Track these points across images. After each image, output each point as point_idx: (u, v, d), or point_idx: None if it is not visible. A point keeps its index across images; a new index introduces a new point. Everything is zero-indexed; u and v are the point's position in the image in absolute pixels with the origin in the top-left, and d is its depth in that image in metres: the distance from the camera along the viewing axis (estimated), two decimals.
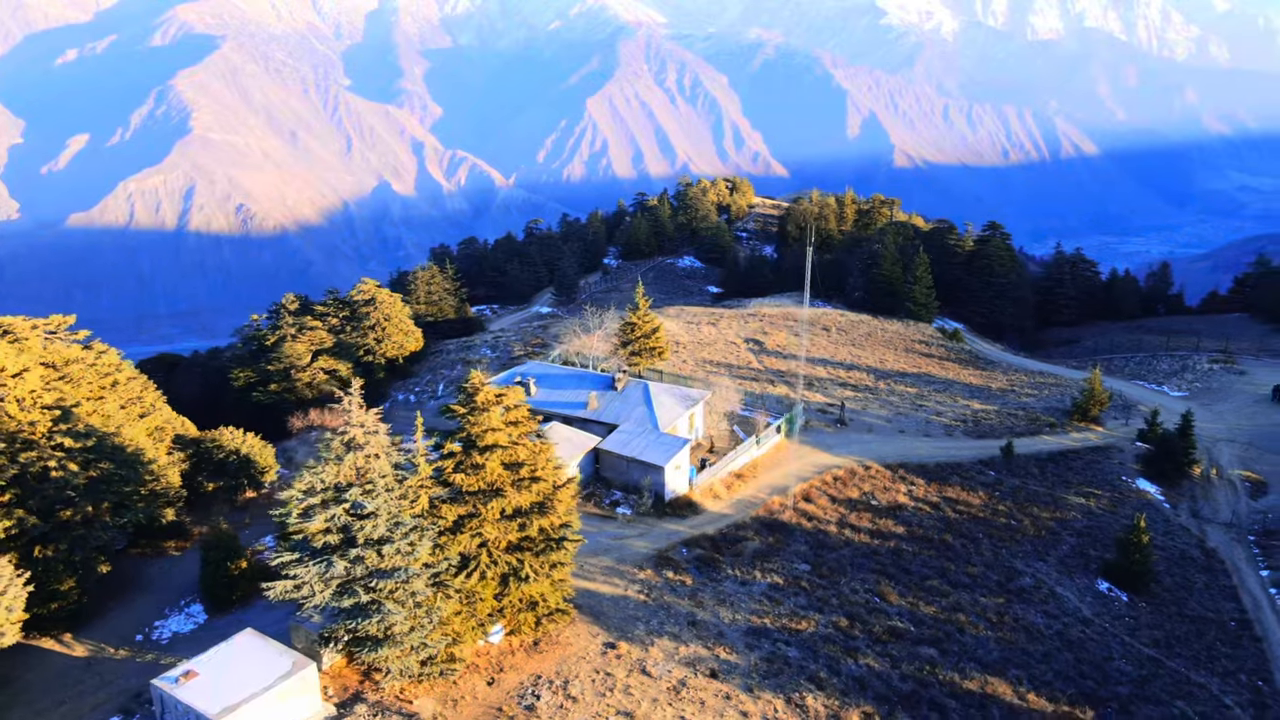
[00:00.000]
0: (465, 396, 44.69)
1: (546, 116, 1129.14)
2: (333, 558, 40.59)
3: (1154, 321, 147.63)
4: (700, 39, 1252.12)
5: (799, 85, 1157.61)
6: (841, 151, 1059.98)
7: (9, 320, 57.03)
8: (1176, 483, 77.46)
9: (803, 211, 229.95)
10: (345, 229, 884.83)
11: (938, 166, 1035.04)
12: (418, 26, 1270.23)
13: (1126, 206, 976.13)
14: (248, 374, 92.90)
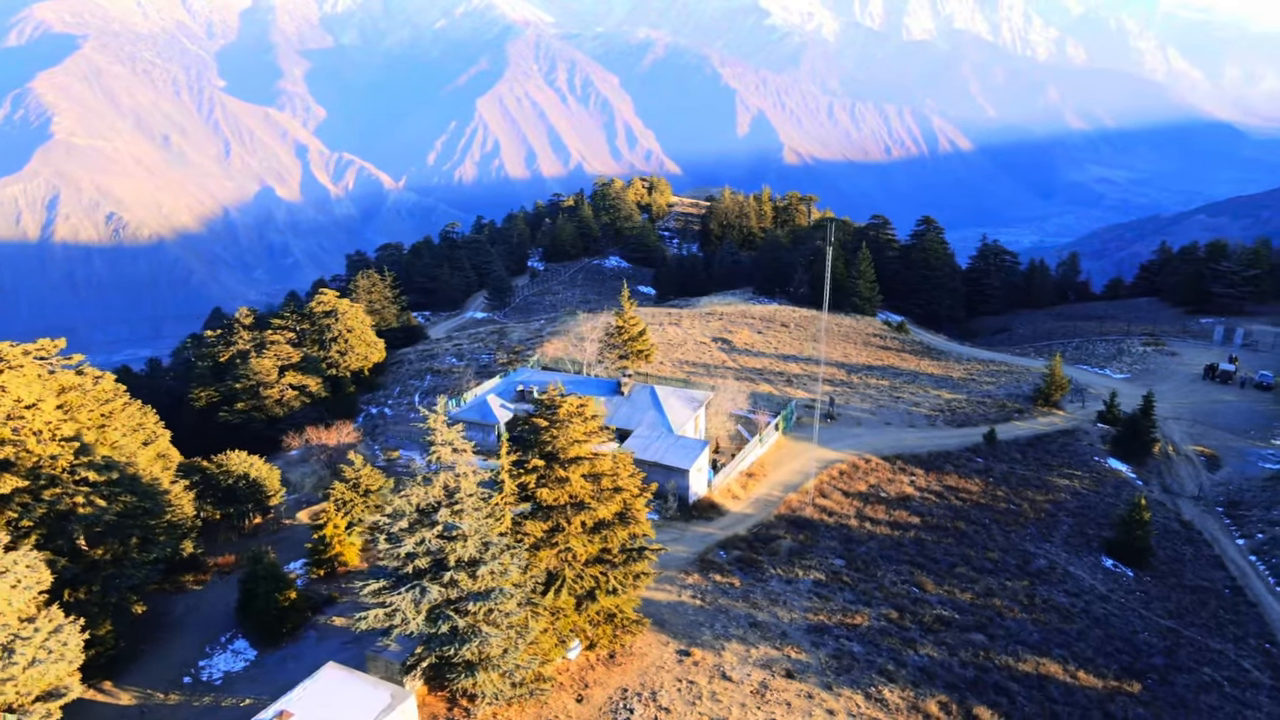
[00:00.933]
0: (546, 409, 43.55)
1: (436, 117, 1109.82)
2: (424, 583, 39.10)
3: (1071, 308, 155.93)
4: (589, 38, 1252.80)
5: (689, 84, 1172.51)
6: (732, 149, 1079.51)
7: (12, 350, 52.51)
8: (1143, 461, 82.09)
9: (726, 210, 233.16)
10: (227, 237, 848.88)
11: (825, 163, 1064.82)
12: (296, 25, 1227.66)
13: (1000, 199, 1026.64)
14: (210, 393, 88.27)
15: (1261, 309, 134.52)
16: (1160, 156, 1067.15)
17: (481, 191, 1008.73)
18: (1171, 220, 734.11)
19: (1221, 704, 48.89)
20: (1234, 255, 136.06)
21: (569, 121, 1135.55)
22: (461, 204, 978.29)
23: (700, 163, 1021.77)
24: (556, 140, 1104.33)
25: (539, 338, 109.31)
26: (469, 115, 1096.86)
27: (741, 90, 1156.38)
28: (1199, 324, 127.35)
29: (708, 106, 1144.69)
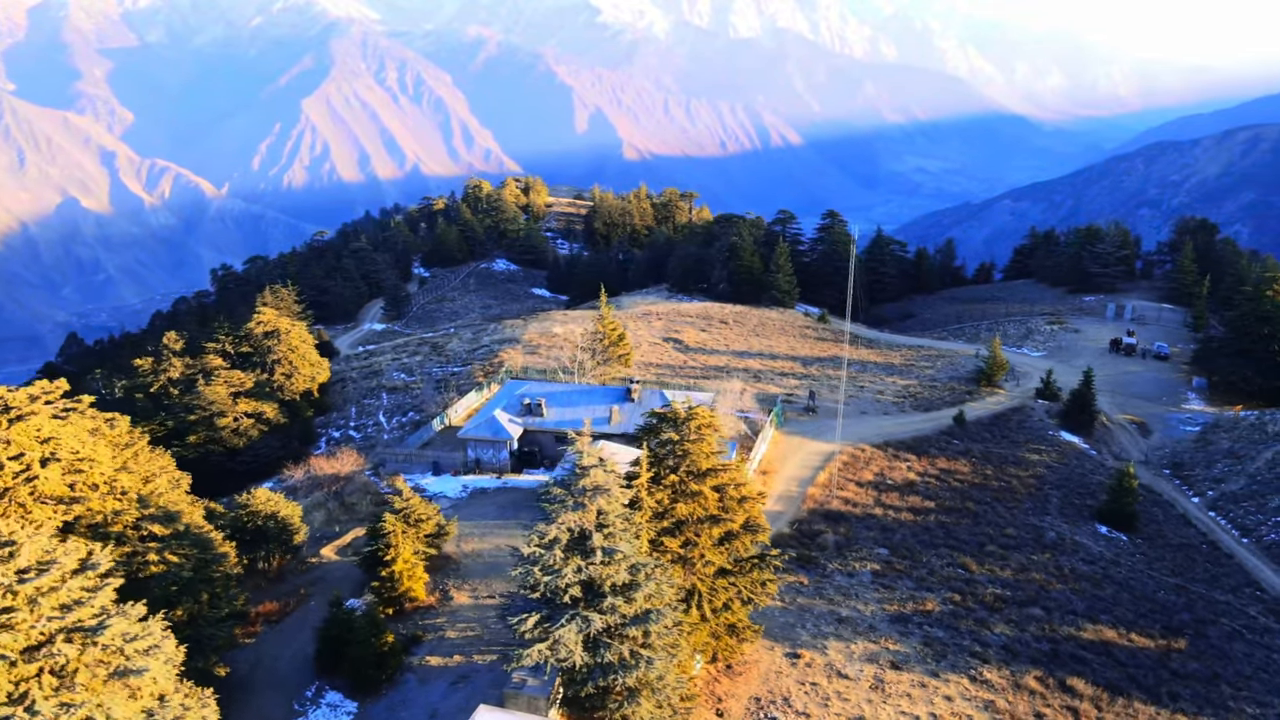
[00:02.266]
0: (678, 423, 42.72)
1: (258, 120, 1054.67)
2: (584, 611, 37.76)
3: (957, 291, 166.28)
4: (419, 36, 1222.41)
5: (524, 82, 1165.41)
6: (573, 146, 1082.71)
7: (13, 395, 46.43)
8: (1089, 432, 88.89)
9: (610, 208, 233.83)
10: (26, 253, 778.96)
11: (664, 158, 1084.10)
12: (94, 22, 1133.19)
13: (830, 189, 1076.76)
14: (154, 427, 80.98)
15: (1130, 286, 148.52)
16: (968, 147, 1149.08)
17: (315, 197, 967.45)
18: (981, 206, 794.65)
19: (1251, 650, 53.88)
20: (1107, 238, 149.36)
21: (402, 122, 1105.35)
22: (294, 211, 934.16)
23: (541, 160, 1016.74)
24: (390, 141, 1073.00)
25: (487, 347, 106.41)
26: (294, 117, 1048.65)
27: (578, 88, 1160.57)
28: (1083, 301, 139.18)
29: (545, 104, 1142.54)
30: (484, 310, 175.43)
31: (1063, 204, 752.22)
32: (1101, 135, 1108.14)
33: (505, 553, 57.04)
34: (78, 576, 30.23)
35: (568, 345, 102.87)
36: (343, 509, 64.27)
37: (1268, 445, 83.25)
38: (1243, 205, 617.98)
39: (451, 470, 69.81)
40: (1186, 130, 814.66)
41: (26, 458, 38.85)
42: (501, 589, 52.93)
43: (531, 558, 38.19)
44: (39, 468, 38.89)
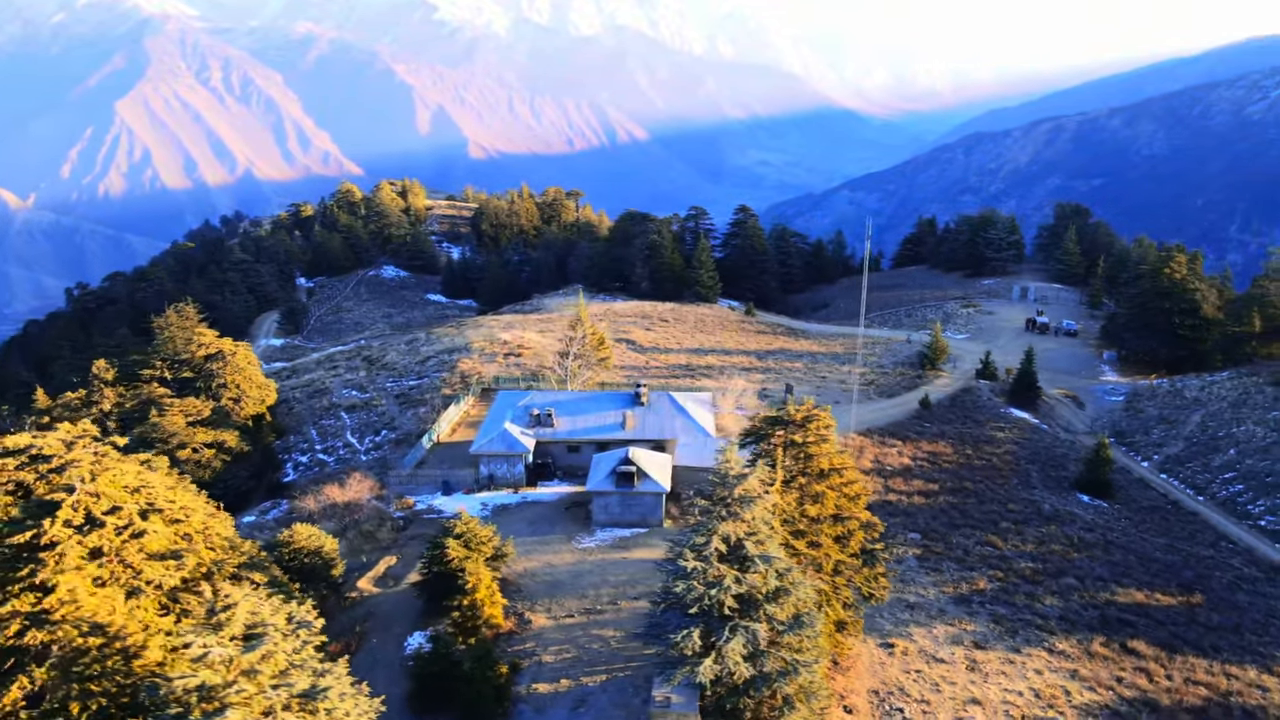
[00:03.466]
0: (795, 426, 42.75)
1: (66, 124, 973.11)
2: (742, 622, 37.54)
3: (857, 280, 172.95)
4: (243, 34, 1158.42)
5: (361, 81, 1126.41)
6: (416, 146, 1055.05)
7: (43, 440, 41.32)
8: (1035, 408, 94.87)
9: (497, 210, 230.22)
10: None
11: (511, 156, 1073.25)
12: None
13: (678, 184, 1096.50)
14: None
15: (1020, 268, 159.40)
16: (806, 140, 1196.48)
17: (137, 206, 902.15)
18: (823, 196, 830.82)
19: (1253, 599, 59.19)
20: (998, 225, 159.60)
21: (231, 124, 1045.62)
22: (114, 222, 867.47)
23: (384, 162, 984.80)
24: (219, 145, 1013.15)
25: (436, 359, 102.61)
26: (108, 120, 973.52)
27: (418, 86, 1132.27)
28: (982, 285, 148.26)
29: (384, 104, 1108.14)
30: (386, 319, 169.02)
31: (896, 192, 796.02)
32: (923, 128, 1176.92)
33: (560, 570, 55.55)
34: (288, 639, 27.65)
35: (525, 352, 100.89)
36: (362, 537, 60.73)
37: (1192, 410, 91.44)
38: (1050, 190, 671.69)
39: (463, 488, 67.18)
40: (998, 122, 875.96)
41: (125, 511, 34.92)
42: (575, 607, 51.59)
43: (692, 571, 37.54)
44: (141, 521, 35.02)
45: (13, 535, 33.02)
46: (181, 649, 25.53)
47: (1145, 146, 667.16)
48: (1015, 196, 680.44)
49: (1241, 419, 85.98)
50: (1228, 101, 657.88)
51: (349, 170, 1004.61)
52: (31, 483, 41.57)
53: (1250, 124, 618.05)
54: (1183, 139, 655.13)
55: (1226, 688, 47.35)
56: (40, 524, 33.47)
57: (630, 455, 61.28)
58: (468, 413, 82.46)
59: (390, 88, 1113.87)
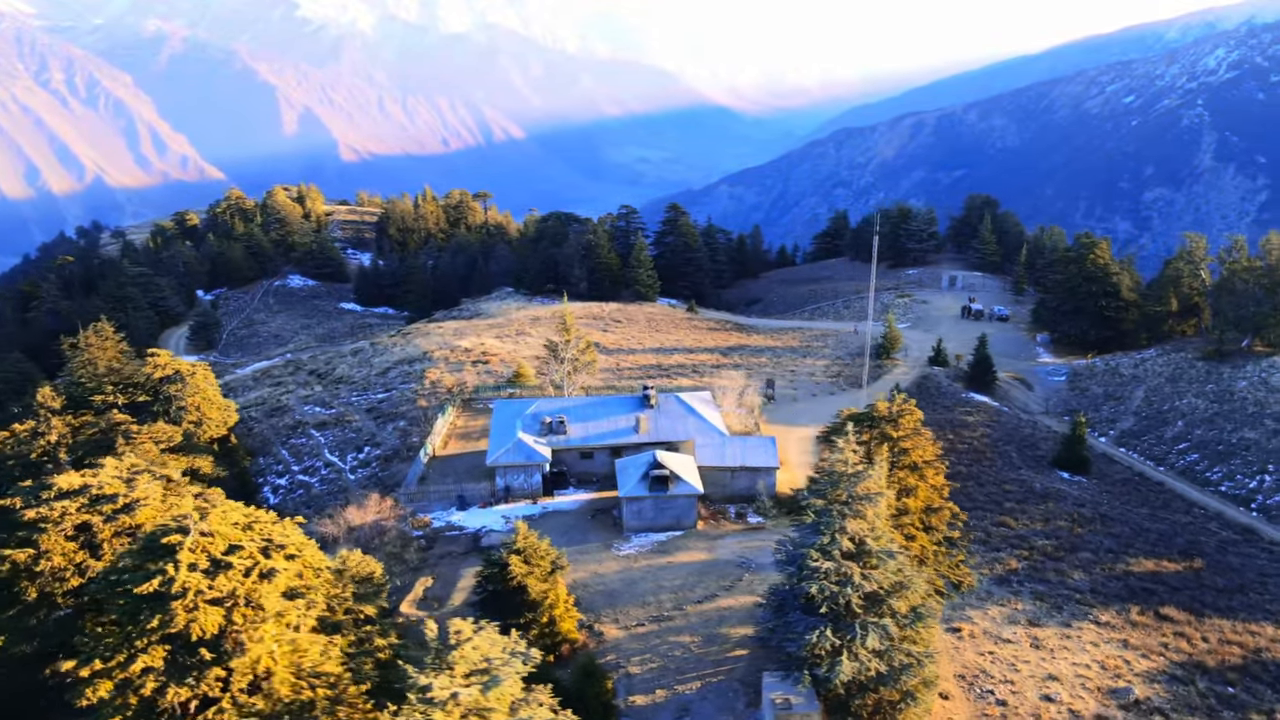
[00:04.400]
0: (887, 421, 43.44)
1: None
2: (875, 620, 38.17)
3: (781, 274, 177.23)
4: (86, 32, 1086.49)
5: (219, 81, 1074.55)
6: (282, 148, 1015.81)
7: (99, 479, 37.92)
8: (992, 392, 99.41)
9: (403, 214, 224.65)
10: None
11: (385, 157, 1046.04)
12: None
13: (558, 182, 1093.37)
14: None
15: (939, 258, 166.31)
16: (682, 137, 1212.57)
17: None
18: (703, 191, 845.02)
19: (1243, 561, 63.84)
20: (918, 217, 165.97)
21: (76, 128, 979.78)
22: None
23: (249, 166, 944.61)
24: (63, 150, 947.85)
25: (399, 370, 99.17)
26: None
27: (282, 86, 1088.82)
28: (907, 275, 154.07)
29: (246, 105, 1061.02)
30: (306, 331, 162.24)
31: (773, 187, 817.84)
32: (794, 124, 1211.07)
33: (610, 578, 54.73)
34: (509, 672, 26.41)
35: (493, 359, 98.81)
36: (390, 559, 58.17)
37: (1134, 386, 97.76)
38: (915, 181, 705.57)
39: (479, 502, 65.34)
40: (865, 118, 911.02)
41: (247, 550, 32.57)
42: (640, 615, 50.99)
43: (824, 572, 37.77)
44: (265, 559, 32.72)
45: (138, 585, 30.29)
46: (419, 691, 23.96)
47: (999, 139, 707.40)
48: (884, 188, 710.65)
49: (1181, 393, 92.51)
50: (1068, 97, 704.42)
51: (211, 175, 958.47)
52: (98, 525, 38.45)
53: (1089, 117, 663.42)
54: (1031, 132, 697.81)
55: (1255, 645, 50.98)
56: (164, 570, 30.82)
57: (660, 459, 60.99)
58: (454, 424, 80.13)
59: (252, 88, 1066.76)
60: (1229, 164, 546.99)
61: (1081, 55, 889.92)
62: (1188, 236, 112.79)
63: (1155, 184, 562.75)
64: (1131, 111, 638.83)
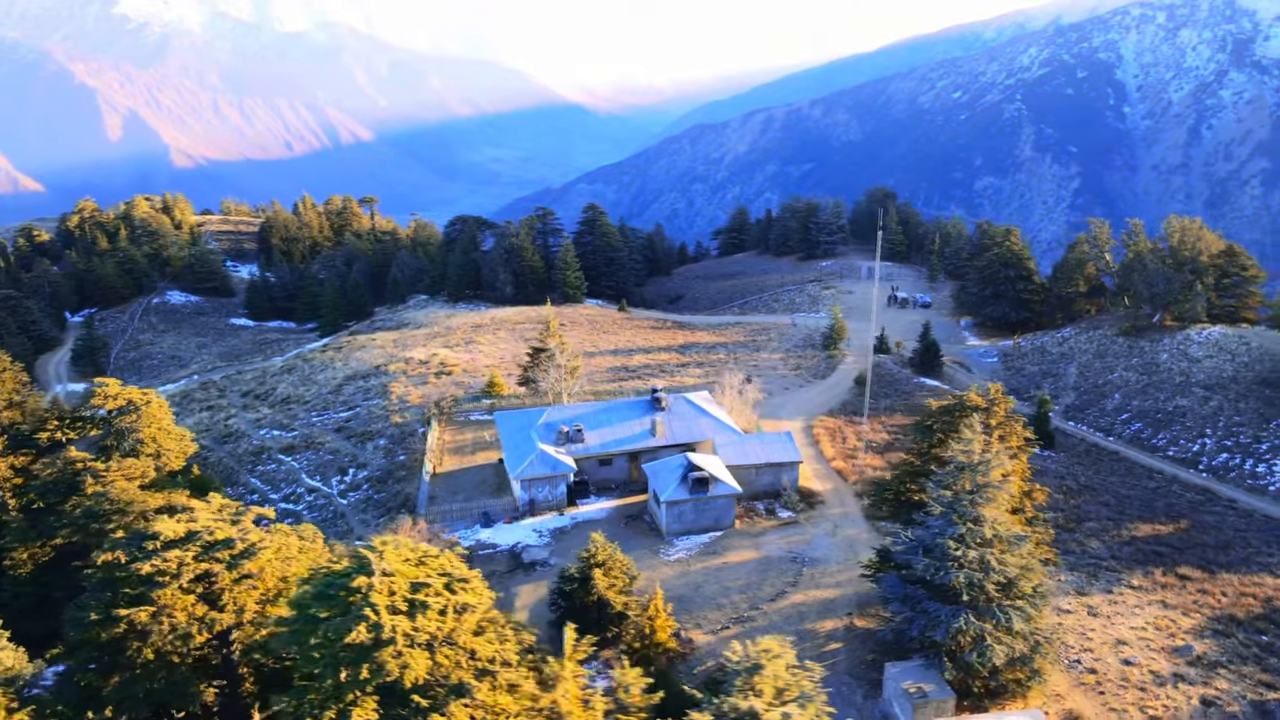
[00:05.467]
0: (984, 410, 44.82)
1: None
2: (1014, 604, 39.69)
3: (692, 269, 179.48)
4: None
5: (32, 85, 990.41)
6: (107, 156, 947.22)
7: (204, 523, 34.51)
8: (939, 375, 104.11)
9: (286, 223, 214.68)
10: None
11: (222, 163, 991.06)
12: None
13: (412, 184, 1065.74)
14: (34, 551, 62.16)
15: (847, 249, 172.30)
16: (537, 135, 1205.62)
17: None
18: (562, 190, 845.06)
19: (1216, 519, 69.36)
20: (826, 210, 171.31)
21: None
22: None
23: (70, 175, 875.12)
24: None
25: (357, 385, 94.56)
26: None
27: (103, 89, 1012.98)
28: (820, 267, 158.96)
29: (64, 109, 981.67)
30: (205, 350, 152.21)
31: (632, 183, 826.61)
32: (649, 121, 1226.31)
33: (673, 583, 54.21)
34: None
35: (454, 369, 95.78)
36: None
37: (1064, 363, 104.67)
38: (769, 175, 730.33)
39: (504, 518, 63.36)
40: (716, 114, 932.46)
41: (433, 587, 30.68)
42: (720, 618, 50.98)
43: (966, 560, 38.83)
44: (452, 595, 30.88)
45: (344, 634, 27.98)
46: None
47: (843, 133, 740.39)
48: (739, 183, 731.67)
49: (1111, 367, 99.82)
50: (903, 93, 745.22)
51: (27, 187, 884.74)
52: (219, 573, 35.25)
53: (923, 112, 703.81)
54: (872, 126, 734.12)
55: (1265, 595, 55.75)
56: (365, 615, 28.60)
57: (695, 460, 60.93)
58: (442, 439, 77.21)
59: (69, 91, 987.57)
60: (1046, 154, 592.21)
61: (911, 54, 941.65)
62: (1091, 223, 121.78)
63: (984, 173, 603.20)
64: (960, 106, 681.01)
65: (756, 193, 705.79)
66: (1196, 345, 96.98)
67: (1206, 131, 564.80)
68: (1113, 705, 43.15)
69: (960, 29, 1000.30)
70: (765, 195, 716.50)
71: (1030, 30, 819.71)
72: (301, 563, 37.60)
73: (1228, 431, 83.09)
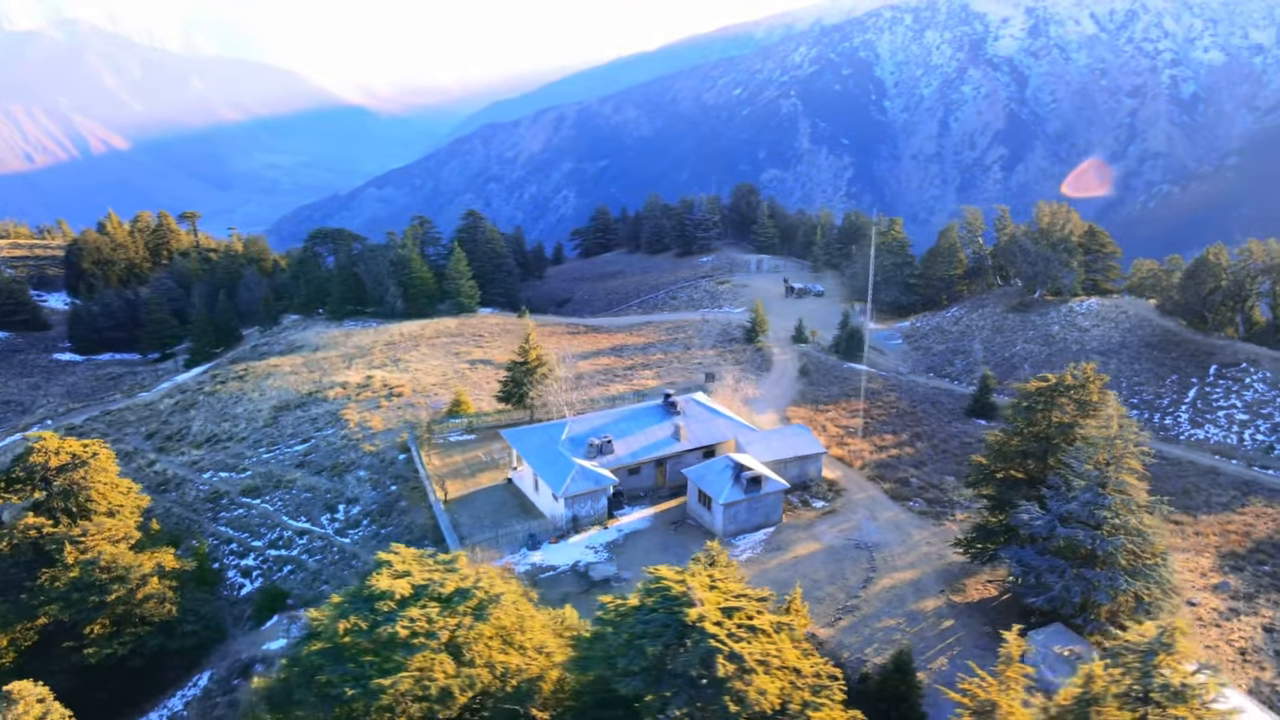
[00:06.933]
0: (1076, 389, 48.13)
1: None
2: (1160, 564, 43.52)
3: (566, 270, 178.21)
4: None
5: None
6: None
7: (425, 577, 31.27)
8: (862, 359, 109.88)
9: (98, 245, 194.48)
10: None
11: None
12: None
13: (177, 196, 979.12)
14: (23, 630, 54.35)
15: (723, 244, 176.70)
16: (317, 140, 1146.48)
17: None
18: (350, 196, 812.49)
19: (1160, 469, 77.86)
20: (701, 206, 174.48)
21: None
22: None
23: None
24: None
25: (297, 416, 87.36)
26: None
27: None
28: (699, 263, 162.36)
29: None
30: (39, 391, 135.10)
31: (423, 186, 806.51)
32: (436, 121, 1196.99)
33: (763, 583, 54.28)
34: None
35: (405, 390, 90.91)
36: None
37: (967, 340, 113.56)
38: (565, 173, 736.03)
39: (549, 538, 61.31)
40: (507, 113, 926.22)
41: (744, 610, 30.08)
42: (825, 611, 51.99)
43: (1125, 528, 42.10)
44: (758, 616, 30.34)
45: (701, 667, 26.93)
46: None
47: (634, 130, 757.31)
48: (536, 181, 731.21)
49: (1012, 341, 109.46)
50: (689, 89, 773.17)
51: None
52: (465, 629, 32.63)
53: (708, 108, 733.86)
54: (661, 122, 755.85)
55: (1245, 530, 63.75)
56: (720, 647, 27.66)
57: (741, 461, 61.67)
58: (432, 465, 73.17)
59: None
60: (822, 146, 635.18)
61: (691, 52, 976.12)
62: (965, 210, 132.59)
63: (769, 165, 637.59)
64: (742, 102, 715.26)
65: (554, 190, 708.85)
66: (1081, 316, 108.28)
67: (954, 123, 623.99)
68: (1206, 643, 48.29)
69: (734, 29, 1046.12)
70: (563, 193, 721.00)
71: (797, 31, 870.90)
72: (526, 606, 35.22)
73: (1132, 391, 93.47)
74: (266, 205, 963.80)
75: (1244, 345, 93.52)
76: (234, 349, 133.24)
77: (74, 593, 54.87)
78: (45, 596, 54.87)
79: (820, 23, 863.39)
